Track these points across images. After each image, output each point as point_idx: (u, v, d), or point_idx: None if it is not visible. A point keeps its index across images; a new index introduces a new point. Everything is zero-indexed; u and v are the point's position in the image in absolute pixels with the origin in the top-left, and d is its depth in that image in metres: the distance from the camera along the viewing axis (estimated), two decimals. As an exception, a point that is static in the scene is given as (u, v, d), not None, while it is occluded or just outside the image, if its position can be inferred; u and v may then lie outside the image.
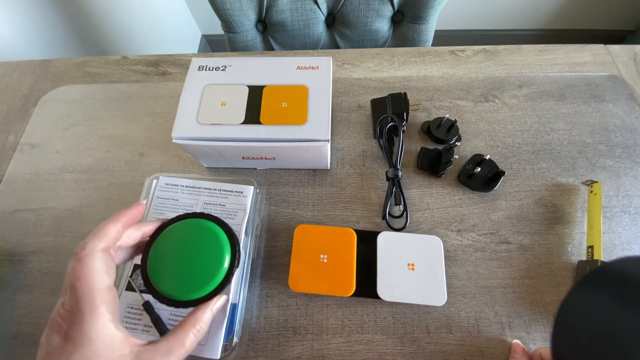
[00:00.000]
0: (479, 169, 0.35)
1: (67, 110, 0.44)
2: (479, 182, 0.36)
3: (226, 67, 0.34)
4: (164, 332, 0.28)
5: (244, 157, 0.34)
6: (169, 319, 0.29)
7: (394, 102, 0.39)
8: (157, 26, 1.06)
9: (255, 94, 0.32)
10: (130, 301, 0.29)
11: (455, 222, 0.35)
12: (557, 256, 0.33)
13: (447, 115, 0.38)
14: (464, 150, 0.38)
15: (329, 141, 0.31)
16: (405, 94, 0.39)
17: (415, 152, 0.39)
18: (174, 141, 0.31)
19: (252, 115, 0.31)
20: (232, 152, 0.33)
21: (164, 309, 0.29)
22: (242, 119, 0.31)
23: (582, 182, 0.36)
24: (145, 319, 0.29)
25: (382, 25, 0.64)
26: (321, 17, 0.64)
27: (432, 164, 0.37)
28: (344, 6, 0.62)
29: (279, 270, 0.33)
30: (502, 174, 0.35)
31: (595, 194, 0.34)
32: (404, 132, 0.38)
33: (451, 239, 0.34)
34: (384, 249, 0.31)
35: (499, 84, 0.43)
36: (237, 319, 0.29)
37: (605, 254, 0.32)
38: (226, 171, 0.39)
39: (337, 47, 0.69)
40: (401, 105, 0.38)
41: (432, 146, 0.39)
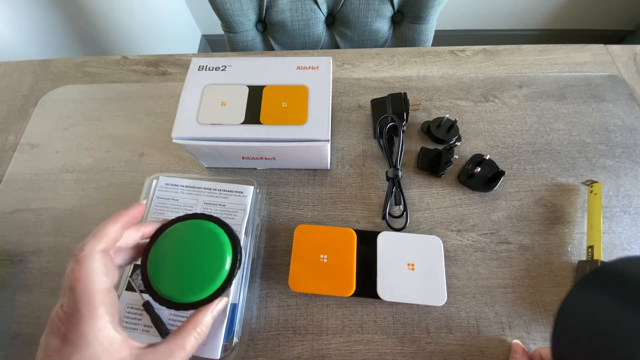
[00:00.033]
0: (479, 169, 0.35)
1: (67, 110, 0.44)
2: (479, 182, 0.36)
3: (226, 67, 0.34)
4: (164, 332, 0.28)
5: (244, 157, 0.34)
6: (169, 319, 0.29)
7: (394, 102, 0.39)
8: (157, 26, 1.06)
9: (255, 94, 0.33)
10: (130, 301, 0.29)
11: (455, 222, 0.35)
12: (557, 256, 0.33)
13: (447, 115, 0.38)
14: (464, 150, 0.38)
15: (329, 141, 0.31)
16: (405, 94, 0.39)
17: (415, 152, 0.39)
18: (174, 141, 0.31)
19: (252, 115, 0.32)
20: (232, 152, 0.33)
21: (164, 309, 0.29)
22: (242, 119, 0.31)
23: (582, 182, 0.36)
24: (145, 319, 0.29)
25: (382, 25, 0.64)
26: (321, 17, 0.64)
27: (432, 164, 0.37)
28: (344, 6, 0.62)
29: (279, 270, 0.33)
30: (502, 174, 0.35)
31: (595, 194, 0.34)
32: (404, 132, 0.38)
33: (451, 239, 0.34)
34: (384, 249, 0.31)
35: (499, 84, 0.43)
36: (237, 319, 0.29)
37: (605, 254, 0.32)
38: (226, 171, 0.39)
39: (337, 47, 0.69)
40: (401, 105, 0.38)
41: (432, 146, 0.39)
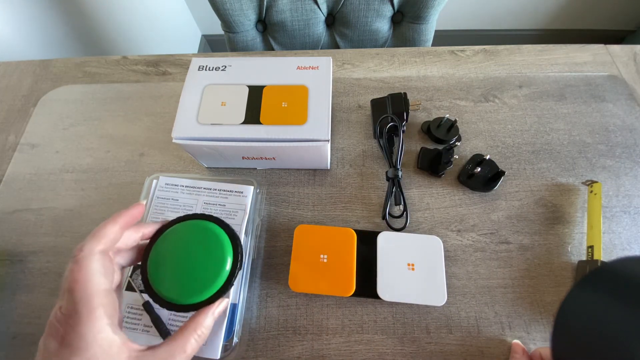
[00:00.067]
0: (479, 169, 0.35)
1: (67, 110, 0.44)
2: (479, 182, 0.36)
3: (226, 67, 0.34)
4: (164, 332, 0.28)
5: (244, 157, 0.34)
6: (169, 319, 0.29)
7: (394, 102, 0.39)
8: (157, 26, 1.06)
9: (255, 94, 0.32)
10: (130, 301, 0.29)
11: (455, 222, 0.35)
12: (557, 256, 0.33)
13: (447, 115, 0.38)
14: (464, 150, 0.38)
15: (329, 141, 0.31)
16: (405, 94, 0.39)
17: (415, 152, 0.39)
18: (174, 141, 0.31)
19: (252, 115, 0.31)
20: (232, 152, 0.33)
21: (164, 309, 0.29)
22: (242, 119, 0.31)
23: (582, 182, 0.36)
24: (145, 319, 0.29)
25: (382, 25, 0.64)
26: (321, 17, 0.64)
27: (432, 164, 0.37)
28: (344, 6, 0.62)
29: (279, 270, 0.33)
30: (502, 174, 0.35)
31: (595, 194, 0.34)
32: (404, 132, 0.38)
33: (451, 239, 0.34)
34: (384, 249, 0.31)
35: (499, 84, 0.43)
36: (237, 319, 0.29)
37: (605, 254, 0.32)
38: (226, 171, 0.39)
39: (337, 47, 0.69)
40: (401, 105, 0.38)
41: (432, 146, 0.39)
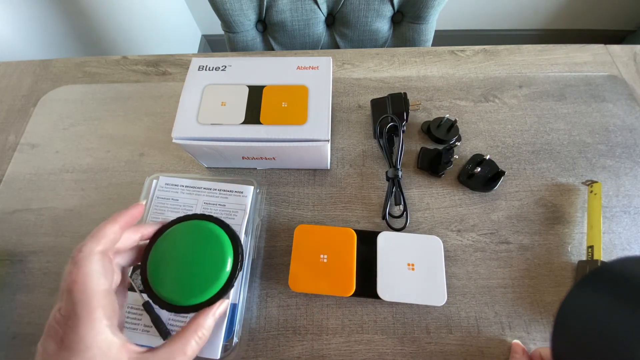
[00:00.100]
0: (479, 169, 0.35)
1: (67, 110, 0.44)
2: (479, 182, 0.36)
3: (226, 67, 0.34)
4: (164, 332, 0.28)
5: (244, 157, 0.34)
6: (169, 319, 0.29)
7: (394, 102, 0.39)
8: (157, 26, 1.06)
9: (255, 94, 0.32)
10: (130, 301, 0.29)
11: (455, 222, 0.35)
12: (557, 256, 0.33)
13: (447, 115, 0.38)
14: (464, 150, 0.38)
15: (329, 141, 0.31)
16: (405, 94, 0.39)
17: (415, 152, 0.39)
18: (174, 141, 0.31)
19: (252, 115, 0.31)
20: (232, 152, 0.33)
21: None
22: (242, 119, 0.31)
23: (582, 182, 0.36)
24: (145, 319, 0.29)
25: (382, 25, 0.64)
26: (321, 17, 0.64)
27: (432, 164, 0.37)
28: (344, 6, 0.62)
29: (279, 270, 0.33)
30: (502, 174, 0.35)
31: (595, 194, 0.34)
32: (404, 132, 0.38)
33: (451, 239, 0.34)
34: (384, 249, 0.31)
35: (499, 84, 0.43)
36: (237, 319, 0.29)
37: (605, 254, 0.32)
38: (226, 171, 0.39)
39: (337, 47, 0.69)
40: (401, 105, 0.38)
41: (432, 146, 0.39)
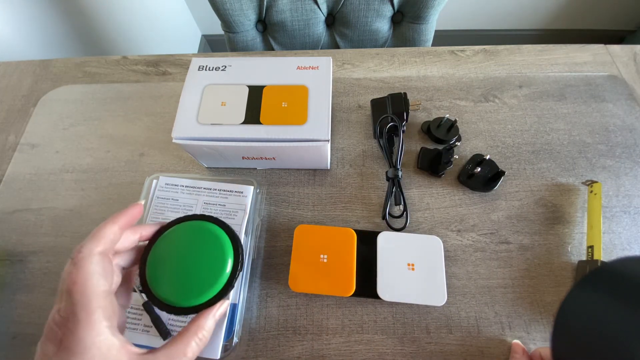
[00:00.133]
0: (479, 169, 0.35)
1: (67, 110, 0.44)
2: (479, 182, 0.36)
3: (226, 67, 0.34)
4: (164, 332, 0.28)
5: (244, 157, 0.34)
6: (169, 319, 0.29)
7: (394, 102, 0.39)
8: (157, 26, 1.06)
9: (255, 94, 0.32)
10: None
11: (455, 222, 0.35)
12: (557, 256, 0.33)
13: (447, 115, 0.38)
14: (464, 150, 0.38)
15: (329, 141, 0.31)
16: (405, 94, 0.39)
17: (415, 152, 0.39)
18: (174, 141, 0.31)
19: (252, 115, 0.31)
20: (232, 152, 0.33)
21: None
22: (242, 119, 0.31)
23: (582, 182, 0.36)
24: (145, 319, 0.29)
25: (382, 25, 0.64)
26: (321, 17, 0.64)
27: (432, 164, 0.37)
28: (344, 6, 0.62)
29: (279, 270, 0.33)
30: (502, 174, 0.35)
31: (595, 194, 0.34)
32: (404, 132, 0.38)
33: (451, 239, 0.34)
34: (384, 249, 0.31)
35: (499, 84, 0.43)
36: (237, 319, 0.29)
37: (605, 254, 0.32)
38: (226, 171, 0.39)
39: (337, 47, 0.69)
40: (401, 105, 0.38)
41: (432, 146, 0.39)
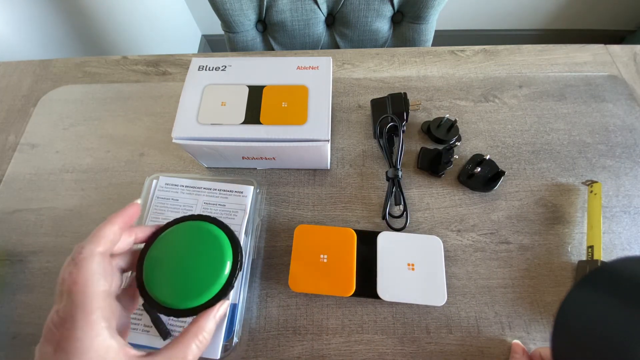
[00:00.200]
0: (479, 169, 0.35)
1: (67, 110, 0.44)
2: (479, 182, 0.36)
3: (226, 67, 0.34)
4: (164, 332, 0.28)
5: (244, 157, 0.34)
6: (169, 320, 0.29)
7: (394, 102, 0.39)
8: (157, 26, 1.06)
9: (255, 94, 0.32)
10: (130, 301, 0.29)
11: (455, 222, 0.35)
12: (557, 256, 0.33)
13: (447, 115, 0.38)
14: (464, 150, 0.38)
15: (329, 141, 0.31)
16: (405, 94, 0.39)
17: (415, 152, 0.39)
18: (174, 141, 0.31)
19: (252, 115, 0.31)
20: (232, 152, 0.33)
21: None
22: (242, 119, 0.31)
23: (582, 182, 0.36)
24: (145, 319, 0.29)
25: (382, 25, 0.64)
26: (321, 17, 0.64)
27: (432, 164, 0.37)
28: (344, 6, 0.62)
29: (279, 270, 0.33)
30: (502, 174, 0.35)
31: (595, 194, 0.34)
32: (404, 132, 0.38)
33: (451, 239, 0.34)
34: (384, 249, 0.31)
35: (499, 84, 0.43)
36: (237, 319, 0.29)
37: (605, 254, 0.32)
38: (226, 171, 0.39)
39: (337, 47, 0.69)
40: (401, 105, 0.38)
41: (432, 146, 0.39)
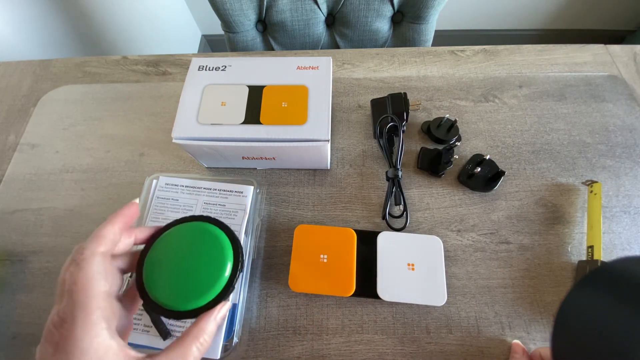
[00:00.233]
0: (479, 169, 0.35)
1: (67, 110, 0.44)
2: (479, 182, 0.36)
3: (226, 67, 0.34)
4: (164, 332, 0.28)
5: (244, 157, 0.34)
6: (169, 320, 0.29)
7: (394, 102, 0.39)
8: (157, 26, 1.06)
9: (255, 94, 0.32)
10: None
11: (455, 222, 0.35)
12: (557, 256, 0.33)
13: (447, 115, 0.38)
14: (464, 150, 0.38)
15: (329, 141, 0.31)
16: (405, 94, 0.39)
17: (415, 152, 0.39)
18: (174, 141, 0.31)
19: (252, 115, 0.31)
20: (232, 152, 0.33)
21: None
22: (242, 119, 0.31)
23: (582, 182, 0.36)
24: (145, 319, 0.29)
25: (382, 25, 0.64)
26: (321, 17, 0.64)
27: (432, 164, 0.37)
28: (344, 6, 0.62)
29: (279, 270, 0.33)
30: (502, 174, 0.35)
31: (595, 194, 0.34)
32: (404, 132, 0.38)
33: (451, 239, 0.34)
34: (384, 249, 0.31)
35: (499, 84, 0.43)
36: (237, 319, 0.29)
37: (605, 254, 0.32)
38: (226, 171, 0.39)
39: (337, 47, 0.69)
40: (401, 105, 0.38)
41: (432, 146, 0.39)
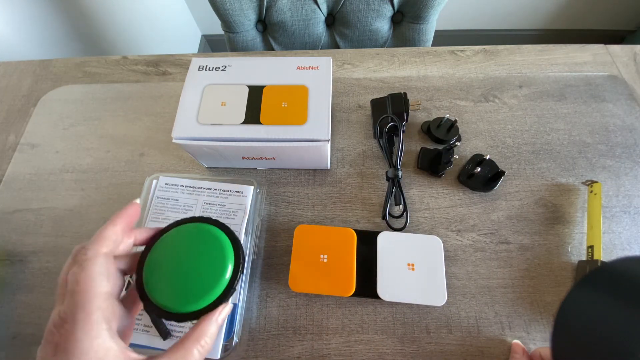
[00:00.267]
0: (479, 169, 0.35)
1: (67, 110, 0.44)
2: (479, 182, 0.36)
3: (226, 67, 0.34)
4: (164, 332, 0.28)
5: (244, 157, 0.34)
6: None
7: (394, 102, 0.39)
8: (157, 26, 1.06)
9: (255, 94, 0.32)
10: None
11: (455, 222, 0.35)
12: (557, 256, 0.33)
13: (447, 115, 0.38)
14: (464, 150, 0.38)
15: (329, 141, 0.31)
16: (405, 94, 0.39)
17: (415, 152, 0.39)
18: (174, 141, 0.31)
19: (252, 115, 0.31)
20: (232, 152, 0.33)
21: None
22: (242, 119, 0.31)
23: (582, 182, 0.36)
24: (145, 319, 0.29)
25: (382, 25, 0.64)
26: (321, 17, 0.64)
27: (432, 164, 0.37)
28: (344, 6, 0.62)
29: (279, 270, 0.33)
30: (502, 174, 0.35)
31: (595, 194, 0.34)
32: (404, 132, 0.38)
33: (451, 239, 0.34)
34: (384, 249, 0.31)
35: (499, 84, 0.43)
36: (237, 319, 0.29)
37: (605, 254, 0.32)
38: (226, 171, 0.39)
39: (337, 47, 0.69)
40: (401, 105, 0.38)
41: (432, 146, 0.39)
